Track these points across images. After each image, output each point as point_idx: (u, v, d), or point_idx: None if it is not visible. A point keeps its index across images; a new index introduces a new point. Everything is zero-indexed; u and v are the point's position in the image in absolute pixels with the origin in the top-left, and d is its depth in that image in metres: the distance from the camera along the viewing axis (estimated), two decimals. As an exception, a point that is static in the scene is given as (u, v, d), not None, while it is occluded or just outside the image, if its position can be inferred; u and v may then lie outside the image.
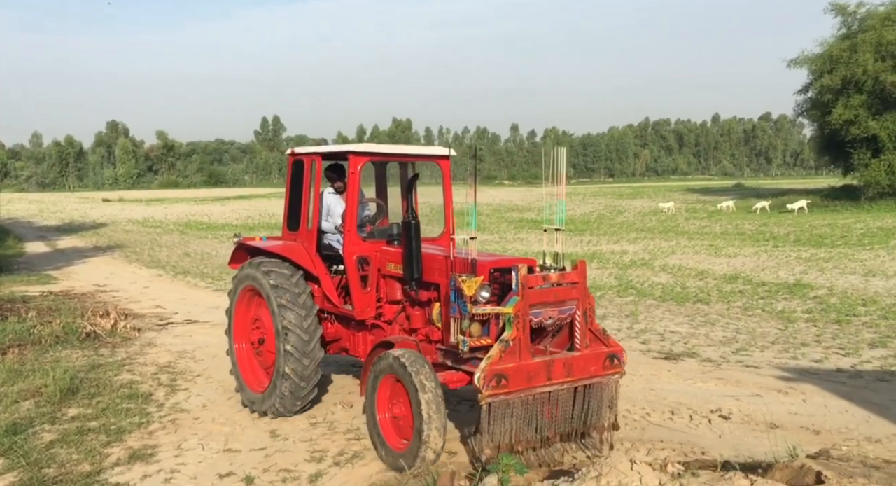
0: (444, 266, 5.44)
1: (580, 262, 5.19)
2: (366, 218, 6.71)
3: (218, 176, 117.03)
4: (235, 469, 5.34)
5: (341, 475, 5.21)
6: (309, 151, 6.63)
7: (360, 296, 6.11)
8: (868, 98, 33.79)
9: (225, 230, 30.68)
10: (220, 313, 11.95)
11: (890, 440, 5.49)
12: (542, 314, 4.96)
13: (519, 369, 4.75)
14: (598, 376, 5.12)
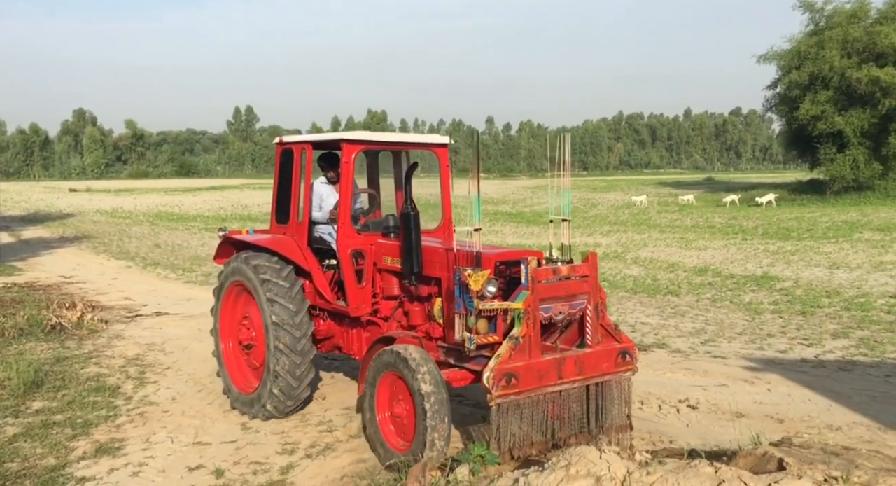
0: (445, 260, 5.22)
1: (591, 253, 4.95)
2: (359, 210, 6.39)
3: (189, 167, 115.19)
4: (205, 462, 5.29)
5: (313, 466, 5.19)
6: (299, 139, 6.36)
7: (355, 291, 5.83)
8: (834, 94, 34.49)
9: (196, 222, 30.26)
10: (192, 306, 11.88)
11: (850, 427, 5.64)
12: (552, 309, 4.72)
13: (529, 368, 4.51)
14: (611, 373, 4.89)
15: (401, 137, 6.59)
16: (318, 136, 6.35)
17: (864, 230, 21.41)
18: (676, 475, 3.44)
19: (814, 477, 3.27)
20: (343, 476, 4.97)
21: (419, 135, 6.74)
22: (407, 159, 6.70)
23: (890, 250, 16.86)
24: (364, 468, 5.07)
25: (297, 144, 6.28)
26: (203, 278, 14.91)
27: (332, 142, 6.13)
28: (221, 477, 5.02)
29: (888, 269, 13.98)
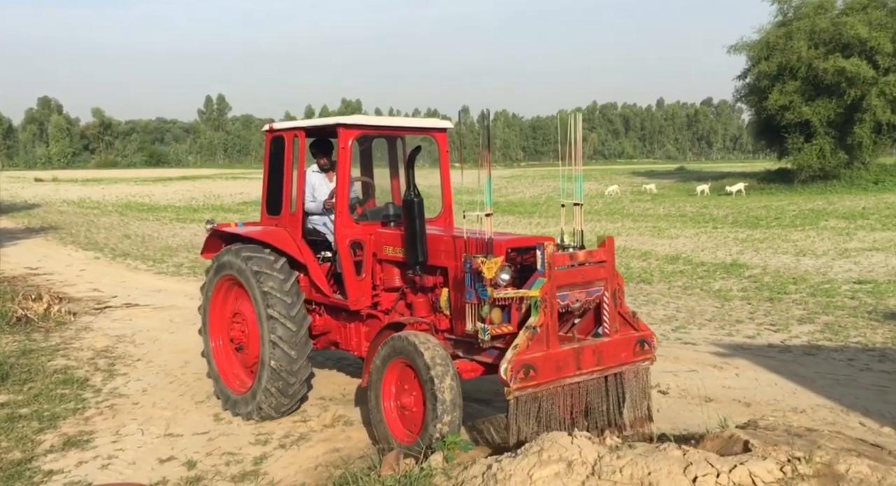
0: (451, 247, 5.02)
1: (608, 238, 4.76)
2: (353, 199, 6.07)
3: (159, 156, 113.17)
4: (177, 454, 5.24)
5: (287, 456, 5.18)
6: (290, 125, 6.03)
7: (354, 284, 5.56)
8: (802, 84, 35.01)
9: (167, 212, 29.79)
10: (162, 297, 11.71)
11: (814, 410, 5.79)
12: (569, 297, 4.52)
13: (547, 359, 4.32)
14: (629, 363, 4.73)
15: (399, 121, 6.19)
16: (312, 121, 5.98)
17: (829, 218, 21.88)
18: (646, 459, 3.50)
19: (777, 458, 3.35)
20: (317, 466, 4.96)
21: (418, 119, 6.31)
22: (403, 146, 6.48)
23: (854, 237, 17.26)
24: (338, 456, 5.07)
25: (289, 131, 5.98)
26: (174, 269, 14.71)
27: (328, 127, 5.81)
28: (193, 469, 4.97)
29: (852, 256, 14.31)
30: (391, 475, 4.17)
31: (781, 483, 3.21)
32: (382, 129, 6.06)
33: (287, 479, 4.78)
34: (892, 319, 8.89)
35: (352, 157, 5.69)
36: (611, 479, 3.40)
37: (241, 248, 5.86)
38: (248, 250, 5.77)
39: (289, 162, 5.97)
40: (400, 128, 6.15)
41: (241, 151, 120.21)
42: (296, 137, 5.92)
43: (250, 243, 5.91)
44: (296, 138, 5.92)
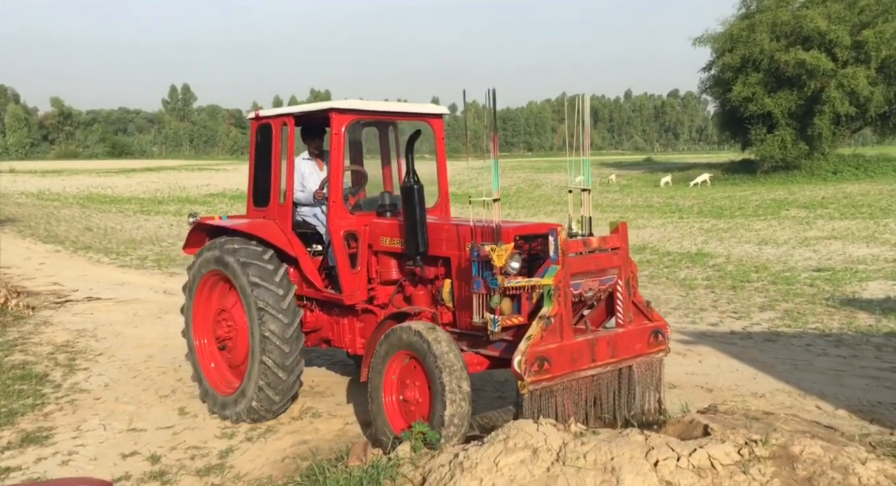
0: (454, 236, 4.81)
1: (621, 223, 4.56)
2: (346, 190, 5.73)
3: (122, 147, 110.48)
4: (140, 449, 5.17)
5: (253, 449, 5.14)
6: (278, 112, 5.77)
7: (348, 277, 5.32)
8: (764, 76, 35.68)
9: (131, 204, 29.19)
10: (126, 290, 11.50)
11: (773, 394, 5.94)
12: (582, 286, 4.32)
13: (562, 351, 4.13)
14: (643, 354, 4.55)
15: (394, 106, 5.90)
16: (302, 107, 5.68)
17: (790, 208, 22.40)
18: (609, 444, 3.55)
19: (735, 441, 3.43)
20: (284, 458, 4.94)
21: (413, 104, 6.02)
22: (395, 134, 6.29)
23: (814, 226, 17.71)
24: (306, 448, 5.05)
25: (277, 118, 5.72)
26: (138, 262, 14.44)
27: (319, 113, 5.50)
28: (157, 463, 4.91)
29: (811, 244, 14.69)
30: (359, 466, 4.17)
31: (739, 465, 3.28)
32: (377, 114, 5.79)
33: (254, 472, 4.74)
34: (848, 305, 9.16)
35: (345, 144, 5.46)
36: (575, 465, 3.44)
37: (226, 240, 5.59)
38: (235, 243, 5.51)
39: (277, 151, 5.71)
40: (395, 113, 5.88)
41: (208, 142, 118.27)
42: (284, 124, 5.66)
43: (237, 236, 5.64)
44: (284, 126, 5.67)
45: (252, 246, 5.47)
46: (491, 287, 4.20)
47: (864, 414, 5.30)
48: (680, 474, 3.27)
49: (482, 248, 4.24)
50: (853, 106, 34.00)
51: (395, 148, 6.39)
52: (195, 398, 6.17)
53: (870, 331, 7.87)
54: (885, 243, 14.46)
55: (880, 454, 3.51)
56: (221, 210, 26.88)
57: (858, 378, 6.27)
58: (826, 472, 3.21)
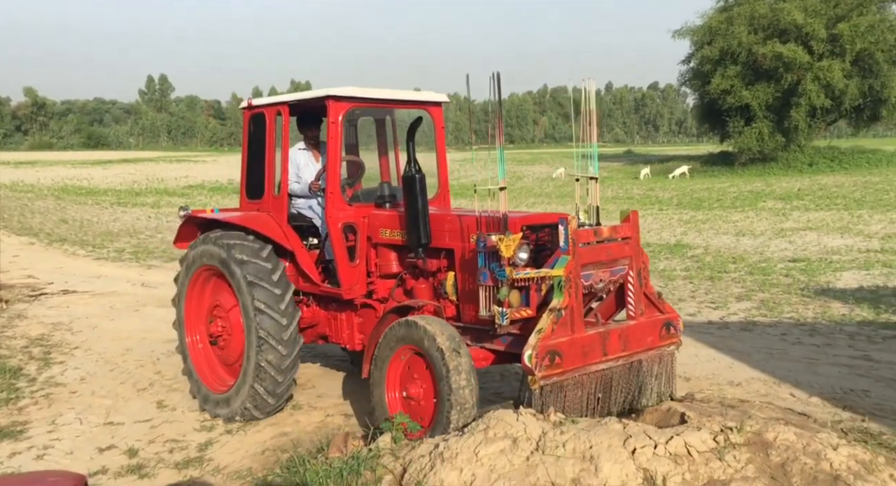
0: (457, 227, 4.67)
1: (632, 212, 4.43)
2: (343, 181, 5.57)
3: (98, 138, 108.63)
4: (117, 442, 5.11)
5: (233, 442, 5.11)
6: (272, 101, 5.58)
7: (347, 271, 5.15)
8: (742, 69, 36.06)
9: (107, 196, 28.76)
10: (102, 283, 11.35)
11: (749, 382, 6.03)
12: (593, 277, 4.19)
13: (573, 344, 3.99)
14: (655, 347, 4.42)
15: (394, 93, 5.63)
16: (296, 95, 5.47)
17: (767, 199, 22.70)
18: (588, 433, 3.59)
19: (711, 428, 3.49)
20: (264, 450, 4.91)
21: (412, 92, 5.80)
22: (392, 125, 6.14)
23: (790, 217, 17.96)
24: (287, 440, 5.03)
25: (270, 107, 5.54)
26: (115, 255, 14.25)
27: (315, 101, 5.30)
28: (135, 457, 4.86)
29: (787, 235, 14.90)
30: (339, 457, 4.17)
31: (714, 452, 3.34)
32: (375, 102, 5.58)
33: (233, 464, 4.72)
34: (822, 295, 9.31)
35: (342, 133, 5.27)
36: (554, 454, 3.47)
37: (221, 235, 5.37)
38: (230, 238, 5.29)
39: (271, 141, 5.53)
40: (394, 101, 5.68)
41: (186, 133, 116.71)
42: (278, 113, 5.48)
43: (231, 230, 5.44)
44: (278, 115, 5.49)
45: (249, 242, 5.27)
46: (498, 279, 4.07)
47: (837, 401, 5.40)
48: (657, 461, 3.31)
49: (489, 238, 4.11)
50: (828, 99, 34.50)
51: (392, 139, 6.25)
52: (174, 391, 6.13)
53: (843, 320, 8.01)
54: (859, 233, 14.71)
55: (851, 440, 3.59)
56: (201, 202, 26.60)
57: (831, 366, 6.39)
58: (799, 458, 3.28)
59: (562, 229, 4.05)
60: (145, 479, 4.54)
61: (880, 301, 8.73)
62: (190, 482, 4.48)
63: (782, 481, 3.18)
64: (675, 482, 3.20)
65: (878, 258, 11.78)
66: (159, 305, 9.45)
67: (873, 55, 33.81)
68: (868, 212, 18.26)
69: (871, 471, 3.19)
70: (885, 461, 3.30)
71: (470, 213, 4.66)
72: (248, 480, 4.40)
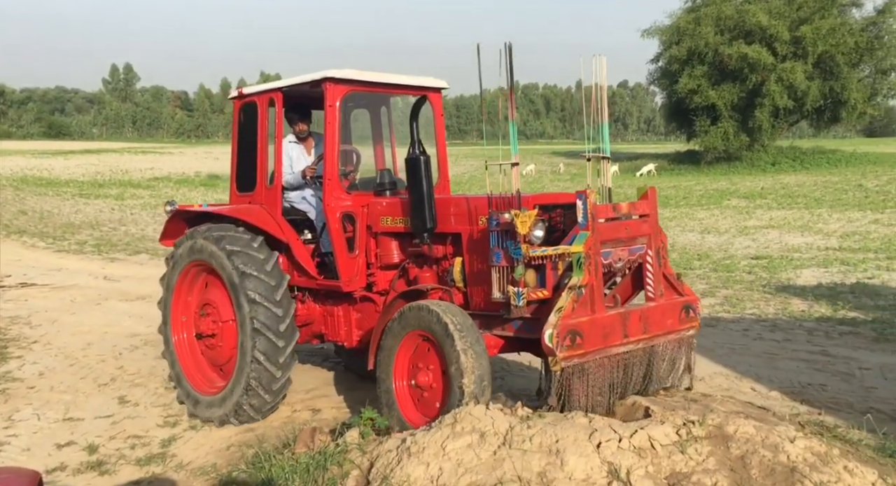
0: (465, 210, 4.48)
1: (650, 189, 4.25)
2: (340, 171, 5.35)
3: (60, 127, 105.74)
4: (77, 438, 5.00)
5: (197, 438, 5.04)
6: (264, 88, 5.37)
7: (346, 262, 4.95)
8: (709, 69, 36.68)
9: (69, 187, 28.04)
10: (63, 276, 11.08)
11: (711, 377, 6.15)
12: (612, 255, 3.99)
13: (594, 324, 3.79)
14: (675, 331, 4.22)
15: (393, 77, 5.38)
16: (290, 80, 5.22)
17: (731, 198, 23.15)
18: (554, 427, 3.62)
19: (674, 422, 3.54)
20: (229, 446, 4.85)
21: (412, 77, 5.52)
22: (387, 112, 5.95)
23: (753, 215, 18.36)
24: (253, 436, 4.97)
25: (263, 95, 5.34)
26: (76, 247, 13.92)
27: (310, 85, 5.06)
28: (95, 453, 4.76)
29: (751, 233, 15.23)
30: (306, 453, 4.14)
31: (677, 445, 3.39)
32: (373, 86, 5.31)
33: (197, 460, 4.65)
34: (783, 292, 9.54)
35: (340, 117, 5.07)
36: (521, 448, 3.49)
37: (210, 228, 5.16)
38: (219, 230, 5.08)
39: (263, 131, 5.33)
40: (392, 85, 5.42)
41: (152, 124, 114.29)
42: (271, 100, 5.28)
43: (222, 222, 5.22)
44: (271, 103, 5.29)
45: (239, 233, 5.04)
46: (514, 258, 3.86)
47: (795, 395, 5.55)
48: (621, 454, 3.35)
49: (502, 216, 3.95)
50: (791, 99, 35.32)
51: (387, 130, 6.10)
52: (136, 387, 6.02)
53: (802, 316, 8.22)
54: (819, 232, 15.11)
55: (808, 433, 3.68)
56: (166, 195, 26.10)
57: (791, 361, 6.55)
58: (758, 450, 3.35)
59: (580, 204, 3.86)
60: (105, 476, 4.45)
61: (838, 298, 8.98)
62: (152, 479, 4.41)
63: (742, 473, 3.25)
64: (638, 475, 3.24)
65: (837, 256, 12.11)
66: (122, 299, 9.28)
67: (834, 58, 34.69)
68: (827, 211, 18.75)
69: (826, 463, 3.28)
70: (840, 453, 3.39)
71: (477, 195, 4.50)
72: (212, 476, 4.34)
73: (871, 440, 4.15)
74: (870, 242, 13.54)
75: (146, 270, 11.89)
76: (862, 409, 5.08)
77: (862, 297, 9.05)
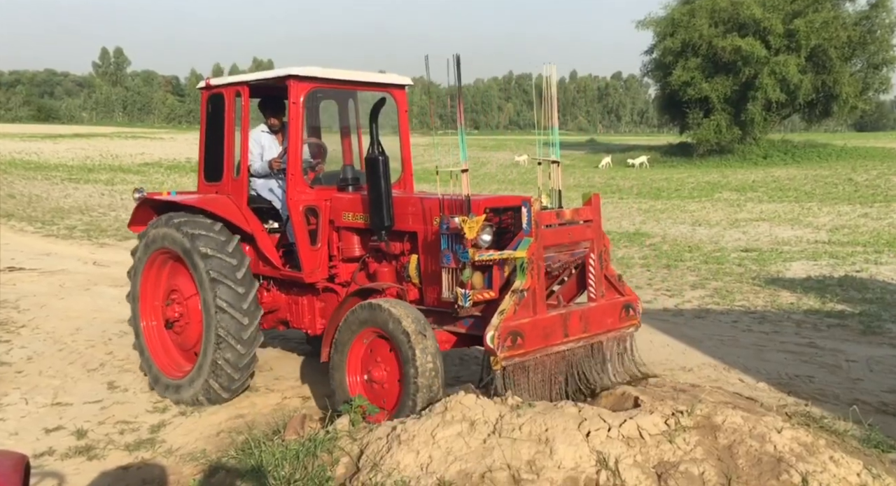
0: (420, 210, 4.68)
1: (594, 195, 4.49)
2: (305, 164, 5.48)
3: (49, 111, 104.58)
4: (65, 423, 4.98)
5: (187, 424, 5.03)
6: (231, 81, 5.47)
7: (308, 254, 5.11)
8: (702, 61, 36.69)
9: (59, 171, 27.77)
10: (52, 260, 11.00)
11: (700, 368, 6.20)
12: (553, 259, 4.27)
13: (535, 325, 4.03)
14: (615, 329, 4.49)
15: (356, 75, 5.51)
16: (256, 75, 5.37)
17: (723, 190, 23.23)
18: (544, 416, 3.63)
19: (663, 411, 3.57)
20: (219, 432, 4.85)
21: (375, 74, 5.67)
22: (355, 106, 6.04)
23: (744, 208, 18.44)
24: (242, 422, 4.97)
25: (229, 87, 5.44)
26: (66, 232, 13.81)
27: (275, 81, 5.20)
28: (83, 438, 4.74)
29: (741, 225, 15.30)
30: (296, 439, 4.14)
31: (665, 435, 3.42)
32: (337, 83, 5.44)
33: (186, 446, 4.65)
34: (772, 284, 9.60)
35: (304, 114, 5.22)
36: (511, 436, 3.51)
37: (185, 221, 5.23)
38: (195, 226, 5.16)
39: (230, 122, 5.41)
40: (356, 83, 5.57)
41: (143, 109, 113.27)
42: (237, 93, 5.39)
43: (190, 213, 5.31)
44: (238, 95, 5.39)
45: (214, 233, 5.13)
46: (461, 260, 4.11)
47: (783, 386, 5.60)
48: (610, 443, 3.38)
49: (452, 220, 4.14)
50: (783, 93, 35.39)
51: (355, 122, 6.16)
52: (126, 372, 6.00)
53: (791, 308, 8.28)
54: (809, 225, 15.20)
55: (794, 424, 3.71)
56: (156, 180, 25.93)
57: (779, 353, 6.60)
58: (745, 440, 3.38)
59: (525, 211, 4.05)
60: (94, 461, 4.44)
61: (826, 291, 9.05)
62: (141, 464, 4.40)
63: (729, 462, 3.28)
64: (626, 463, 3.27)
65: (826, 249, 12.19)
66: (112, 284, 9.22)
67: (827, 51, 34.76)
68: (817, 204, 18.87)
69: (812, 453, 3.31)
70: (826, 444, 3.43)
71: (433, 196, 4.66)
72: (201, 462, 4.34)
73: (857, 431, 4.21)
74: (859, 235, 13.64)
75: (136, 255, 11.81)
76: (848, 400, 5.14)
77: (850, 290, 9.12)
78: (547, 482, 3.22)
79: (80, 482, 4.15)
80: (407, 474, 3.37)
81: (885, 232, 13.91)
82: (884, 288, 9.18)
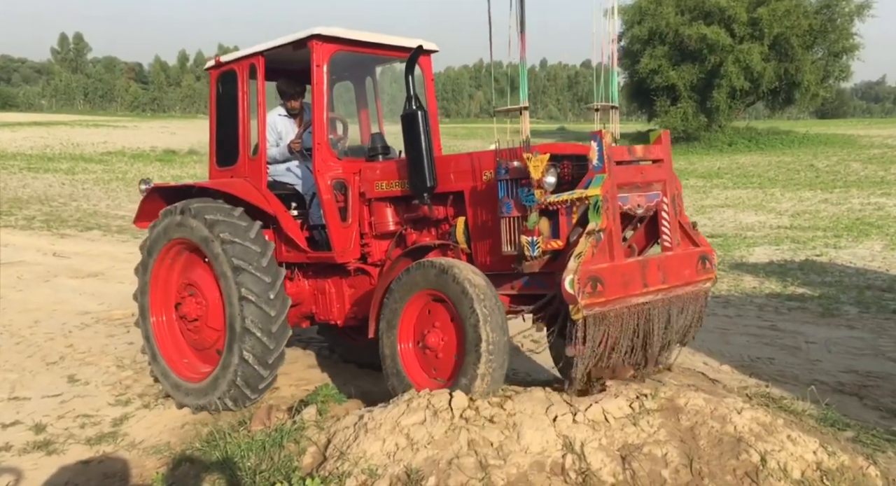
0: (467, 166, 4.24)
1: (663, 132, 4.05)
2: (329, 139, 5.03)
3: (6, 98, 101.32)
4: (23, 418, 4.87)
5: (150, 416, 4.95)
6: (244, 54, 5.03)
7: (339, 232, 4.70)
8: (669, 49, 37.00)
9: (16, 161, 26.96)
10: (9, 252, 10.70)
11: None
12: (629, 200, 3.76)
13: (614, 272, 3.54)
14: (692, 282, 3.95)
15: (383, 38, 5.02)
16: (273, 42, 4.86)
17: (689, 177, 23.56)
18: (512, 402, 3.65)
19: (627, 395, 3.62)
20: (184, 424, 4.78)
21: (401, 37, 5.15)
22: (374, 85, 5.71)
23: (710, 195, 18.73)
24: (207, 414, 4.90)
25: (243, 61, 5.03)
26: (24, 222, 13.44)
27: (295, 46, 4.72)
28: (42, 432, 4.64)
29: (707, 212, 15.54)
30: (262, 430, 4.11)
31: (630, 418, 3.46)
32: (364, 46, 4.97)
33: (150, 439, 4.57)
34: (736, 269, 9.79)
35: (328, 78, 4.76)
36: (477, 422, 3.52)
37: (202, 207, 4.76)
38: (213, 212, 4.70)
39: (244, 100, 5.03)
40: (382, 46, 5.06)
41: (105, 96, 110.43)
42: (252, 66, 4.98)
43: (204, 197, 4.92)
44: (252, 68, 4.99)
45: (235, 219, 4.69)
46: (526, 206, 3.67)
47: (745, 369, 5.71)
48: (576, 428, 3.41)
49: (511, 163, 3.78)
50: (747, 81, 35.88)
51: (373, 103, 5.85)
52: (87, 365, 5.87)
53: (753, 292, 8.45)
54: (771, 211, 15.51)
55: (754, 404, 3.79)
56: (120, 169, 25.35)
57: (741, 336, 6.74)
58: (707, 421, 3.44)
59: (595, 145, 3.62)
60: (53, 455, 4.34)
61: (787, 275, 9.26)
62: (102, 458, 4.32)
63: (691, 443, 3.33)
64: (592, 447, 3.30)
65: (788, 234, 12.46)
66: (72, 276, 9.01)
67: (789, 40, 35.31)
68: (780, 190, 19.26)
69: (770, 432, 3.39)
70: (784, 423, 3.51)
71: (476, 152, 4.33)
72: (165, 455, 4.27)
73: (814, 411, 4.31)
74: (819, 220, 13.96)
75: (98, 246, 11.56)
76: (806, 381, 5.27)
77: (810, 273, 9.34)
78: (514, 466, 3.24)
79: (38, 478, 4.05)
80: (374, 462, 3.36)
81: (844, 217, 14.26)
82: (842, 272, 9.43)
